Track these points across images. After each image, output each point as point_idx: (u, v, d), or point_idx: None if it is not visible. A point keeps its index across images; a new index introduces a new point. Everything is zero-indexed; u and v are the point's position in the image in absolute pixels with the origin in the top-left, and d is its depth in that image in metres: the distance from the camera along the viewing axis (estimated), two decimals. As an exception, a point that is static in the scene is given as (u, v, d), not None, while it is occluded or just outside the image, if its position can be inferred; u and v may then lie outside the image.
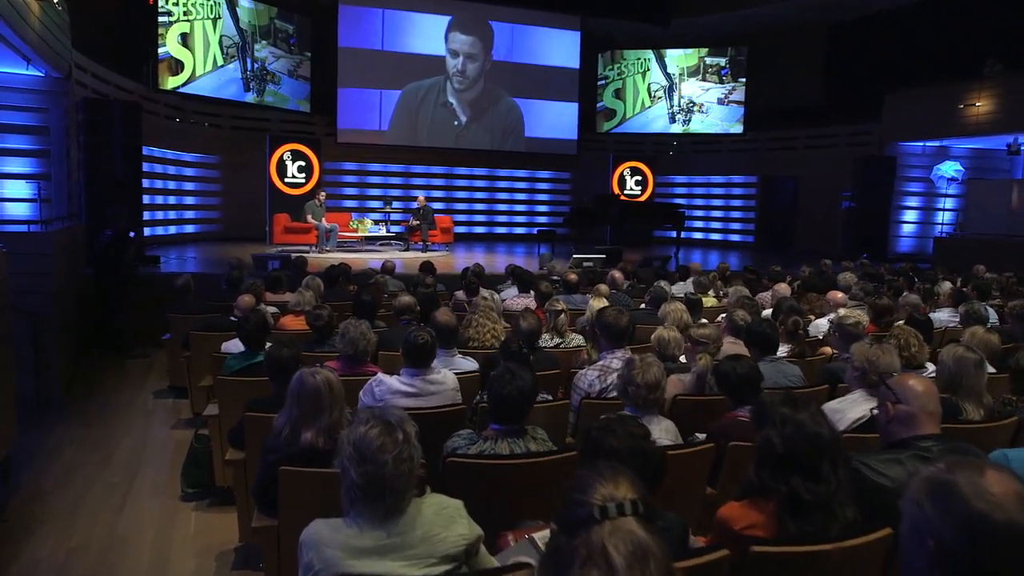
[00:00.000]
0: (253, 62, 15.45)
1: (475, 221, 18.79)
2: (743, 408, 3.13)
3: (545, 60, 18.37)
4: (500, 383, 2.68)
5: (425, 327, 3.78)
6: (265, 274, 8.53)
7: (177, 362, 6.09)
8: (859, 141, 16.75)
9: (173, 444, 5.53)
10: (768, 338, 4.27)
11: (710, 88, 19.10)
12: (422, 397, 3.52)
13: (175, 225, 14.70)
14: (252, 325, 4.48)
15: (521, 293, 7.32)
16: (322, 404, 2.63)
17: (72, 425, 5.97)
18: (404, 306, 5.24)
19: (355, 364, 4.20)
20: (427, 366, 3.60)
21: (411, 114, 17.19)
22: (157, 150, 13.59)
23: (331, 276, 7.52)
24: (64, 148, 9.91)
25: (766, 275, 9.74)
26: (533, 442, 2.74)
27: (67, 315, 7.40)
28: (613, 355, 3.84)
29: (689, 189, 20.06)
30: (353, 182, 17.59)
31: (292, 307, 5.94)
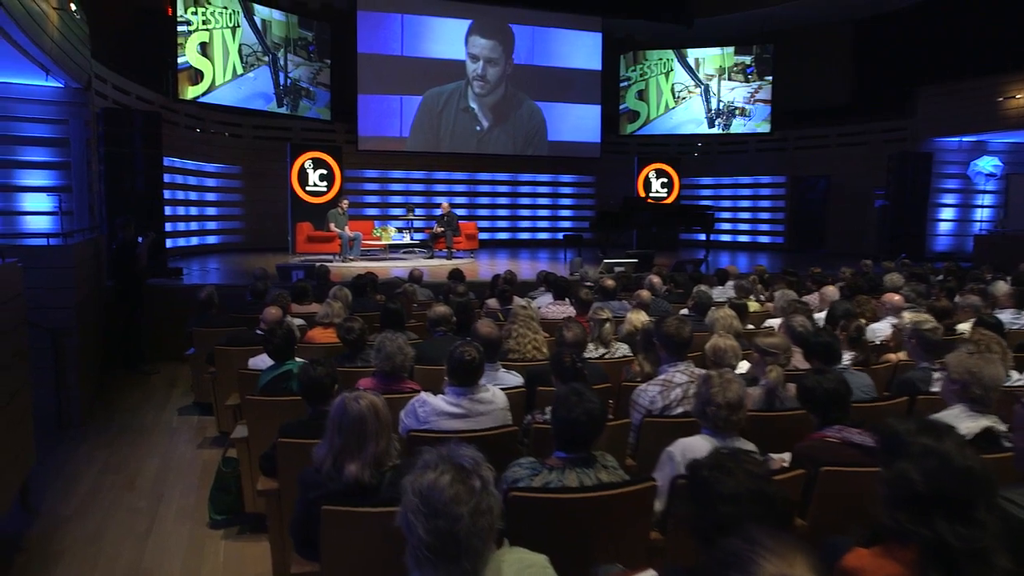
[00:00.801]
0: (286, 77, 15.34)
1: (498, 227, 18.51)
2: (831, 427, 2.80)
3: (566, 62, 18.08)
4: (567, 406, 2.37)
5: (469, 340, 3.48)
6: (290, 285, 8.30)
7: (202, 378, 5.84)
8: (892, 138, 16.28)
9: (200, 465, 5.27)
10: (830, 347, 3.93)
11: (736, 87, 18.70)
12: (470, 418, 3.22)
13: (197, 236, 14.54)
14: (279, 338, 4.21)
15: (556, 300, 7.01)
16: (367, 433, 2.34)
17: (94, 445, 5.74)
18: (440, 316, 4.95)
19: (392, 381, 3.90)
20: (475, 384, 3.30)
21: (432, 120, 16.95)
22: (178, 160, 13.45)
23: (358, 286, 7.26)
24: (85, 160, 9.76)
25: (808, 277, 9.37)
26: (604, 471, 2.42)
27: (89, 330, 7.19)
28: (675, 368, 3.52)
29: (716, 191, 19.65)
30: (375, 190, 17.38)
31: (320, 319, 5.67)
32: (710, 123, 19.05)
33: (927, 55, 15.88)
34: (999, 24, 14.57)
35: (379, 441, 2.36)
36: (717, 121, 18.98)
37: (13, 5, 6.31)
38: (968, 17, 15.17)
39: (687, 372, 3.50)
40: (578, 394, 2.40)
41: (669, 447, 2.69)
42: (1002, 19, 14.51)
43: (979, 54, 14.88)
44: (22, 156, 9.51)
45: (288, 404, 3.79)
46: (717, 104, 18.93)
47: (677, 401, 3.42)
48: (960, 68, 14.96)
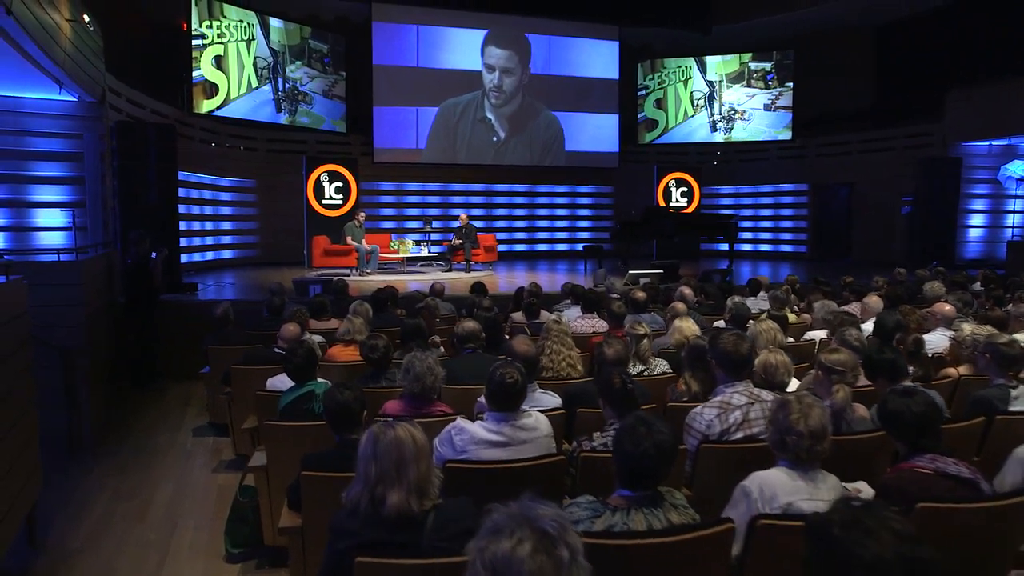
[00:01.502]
0: (284, 82, 15.14)
1: (515, 239, 18.23)
2: (922, 456, 2.49)
3: (584, 72, 17.84)
4: (633, 440, 2.08)
5: (509, 361, 3.19)
6: (307, 300, 8.05)
7: (217, 399, 5.58)
8: (918, 143, 15.89)
9: (215, 491, 5.00)
10: (896, 364, 3.62)
11: (756, 94, 18.40)
12: (512, 447, 2.92)
13: (212, 251, 14.37)
14: (300, 358, 3.94)
15: (586, 314, 6.71)
16: (405, 457, 2.05)
17: (106, 469, 5.48)
18: (469, 333, 4.66)
19: (422, 403, 3.62)
20: (517, 409, 3.00)
21: (449, 131, 16.74)
22: (193, 175, 13.29)
23: (379, 300, 6.99)
24: (99, 174, 9.59)
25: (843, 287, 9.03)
26: (673, 511, 2.13)
27: (101, 348, 6.96)
28: (733, 389, 3.21)
29: (736, 199, 19.31)
30: (391, 202, 17.17)
31: (341, 336, 5.39)
32: (712, 127, 18.74)
33: (952, 58, 15.51)
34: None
35: (419, 464, 2.07)
36: (719, 125, 18.68)
37: (25, 17, 6.14)
38: (993, 18, 14.82)
39: (746, 393, 3.19)
40: (646, 425, 2.10)
41: (744, 482, 2.39)
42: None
43: (1006, 55, 14.51)
44: (36, 171, 9.35)
45: (311, 429, 3.52)
46: (719, 109, 18.64)
47: (736, 425, 3.11)
48: (987, 70, 14.59)
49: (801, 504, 2.27)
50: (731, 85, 18.59)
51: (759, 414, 3.15)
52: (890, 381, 3.56)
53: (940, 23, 15.79)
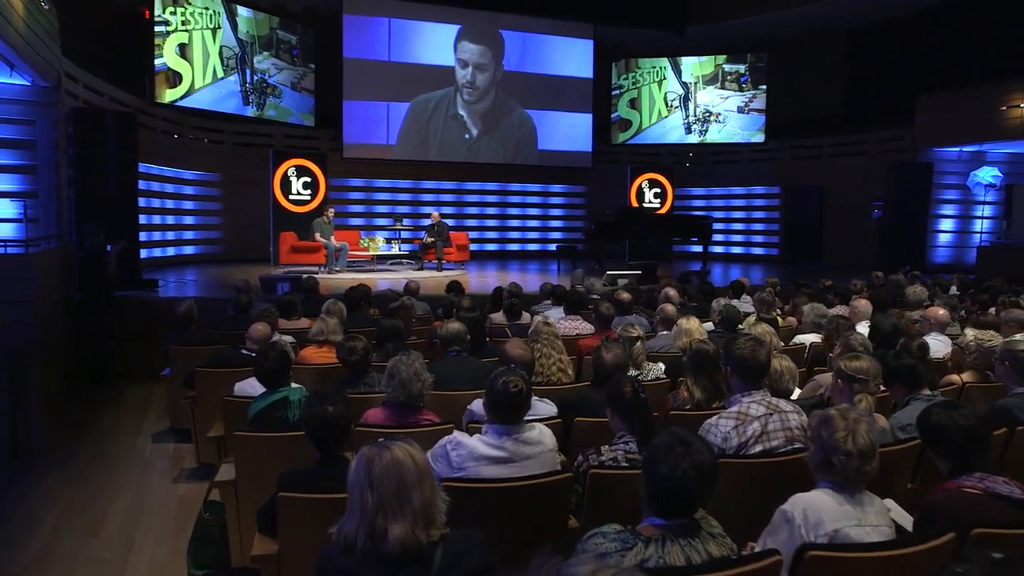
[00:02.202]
0: (253, 74, 14.66)
1: (487, 238, 17.93)
2: (970, 475, 2.27)
3: (558, 70, 17.61)
4: (670, 460, 1.82)
5: (513, 368, 2.90)
6: (276, 298, 7.68)
7: (179, 403, 5.20)
8: (890, 148, 15.97)
9: (176, 504, 4.63)
10: (915, 371, 3.42)
11: (729, 96, 18.35)
12: (515, 464, 2.64)
13: (174, 247, 13.83)
14: (272, 361, 3.61)
15: (569, 315, 6.45)
16: (407, 480, 1.76)
17: (56, 479, 5.08)
18: (454, 335, 4.36)
19: (407, 412, 3.32)
20: (520, 421, 2.72)
21: (420, 127, 16.38)
22: (155, 167, 12.76)
23: (352, 299, 6.65)
24: (53, 163, 9.07)
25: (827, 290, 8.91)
26: (712, 541, 1.87)
27: (54, 348, 6.52)
28: (751, 398, 2.96)
29: (708, 201, 19.26)
30: (360, 199, 16.75)
31: (313, 336, 5.06)
32: (687, 129, 18.67)
33: (925, 64, 15.61)
34: (999, 31, 14.33)
35: (423, 488, 1.78)
36: (694, 127, 18.61)
37: (-29, -10, 5.70)
38: (967, 25, 14.93)
39: (764, 403, 2.95)
40: (684, 444, 1.84)
41: (784, 506, 2.14)
42: (1002, 26, 14.27)
43: (979, 62, 14.64)
44: (-16, 159, 8.83)
45: (285, 440, 3.20)
46: (693, 111, 18.57)
47: (755, 438, 2.87)
48: (959, 77, 14.70)
49: (850, 531, 2.03)
50: (705, 87, 18.51)
51: (778, 425, 2.91)
52: (908, 389, 3.37)
53: (912, 29, 15.88)
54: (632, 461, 2.73)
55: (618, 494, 2.69)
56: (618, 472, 2.67)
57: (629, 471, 2.69)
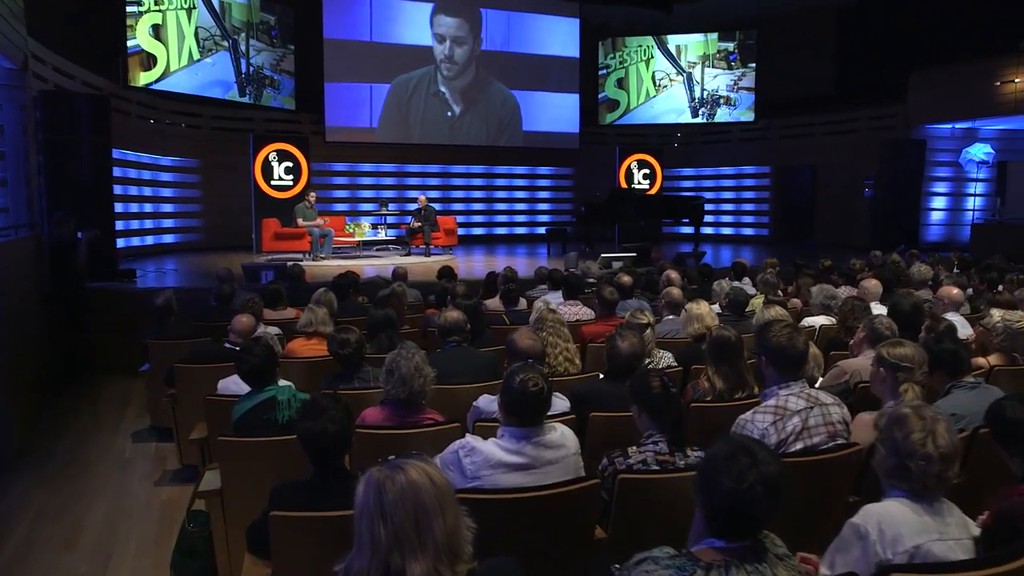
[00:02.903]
0: (248, 64, 14.21)
1: (473, 223, 17.59)
2: (1052, 478, 2.02)
3: (542, 49, 17.24)
4: (735, 473, 1.54)
5: (530, 363, 2.61)
6: (260, 287, 7.36)
7: (160, 401, 4.88)
8: (882, 125, 15.78)
9: (158, 509, 4.33)
10: (957, 355, 3.17)
11: (718, 75, 18.06)
12: (536, 471, 2.36)
13: (152, 235, 13.40)
14: (257, 357, 3.29)
15: (568, 300, 6.18)
16: (426, 507, 1.47)
17: (29, 483, 4.76)
18: (453, 324, 4.07)
19: (408, 411, 3.04)
20: (541, 423, 2.44)
21: (401, 107, 15.95)
22: (131, 153, 12.31)
23: (340, 287, 6.34)
24: (21, 149, 8.64)
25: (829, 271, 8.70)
26: (780, 565, 1.60)
27: (25, 344, 6.17)
28: (789, 390, 2.70)
29: (697, 182, 19.02)
30: (344, 184, 16.36)
31: (302, 327, 4.76)
32: (693, 113, 18.38)
33: (917, 40, 15.37)
34: (991, 6, 14.11)
35: (446, 516, 1.49)
36: (701, 110, 18.31)
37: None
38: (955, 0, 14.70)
39: (803, 395, 2.69)
40: (749, 453, 1.57)
41: (855, 519, 1.88)
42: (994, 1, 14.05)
43: (971, 37, 14.42)
44: (-54, 146, 8.39)
45: (274, 446, 2.91)
46: (701, 93, 18.25)
47: (795, 434, 2.61)
48: (952, 52, 14.47)
49: (931, 547, 1.78)
50: (695, 64, 18.20)
51: (819, 420, 2.66)
52: (950, 376, 3.12)
53: (902, 4, 15.64)
54: (663, 464, 2.47)
55: (649, 501, 2.43)
56: (649, 476, 2.41)
57: (661, 475, 2.43)
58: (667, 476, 2.42)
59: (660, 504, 2.44)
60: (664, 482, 2.42)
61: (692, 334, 4.47)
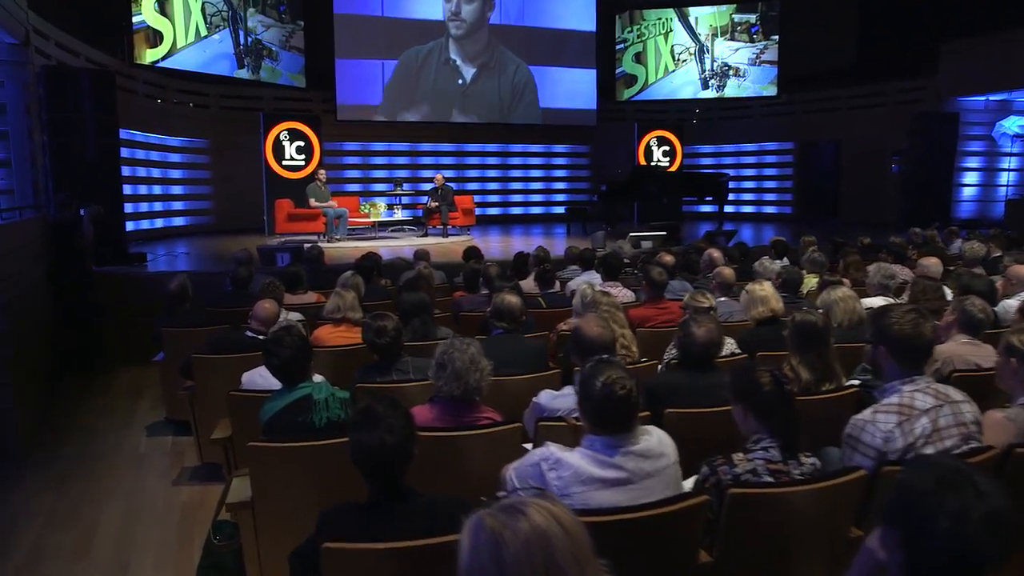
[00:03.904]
0: (247, 35, 13.73)
1: (488, 202, 17.14)
2: None
3: (558, 23, 16.71)
4: (951, 508, 1.16)
5: (609, 360, 2.22)
6: (278, 270, 7.00)
7: (176, 395, 4.52)
8: (910, 98, 15.25)
9: (178, 513, 3.98)
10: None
11: (740, 48, 17.49)
12: (634, 486, 1.99)
13: (162, 218, 13.04)
14: (289, 349, 2.90)
15: (607, 282, 5.79)
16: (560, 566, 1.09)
17: (38, 485, 4.42)
18: (507, 310, 3.69)
19: (463, 409, 2.67)
20: (633, 428, 2.06)
21: (410, 79, 15.42)
22: (139, 133, 11.93)
23: (364, 269, 5.96)
24: (25, 128, 8.29)
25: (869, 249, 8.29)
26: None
27: (31, 333, 5.82)
28: (914, 386, 2.32)
29: (717, 159, 18.51)
30: (356, 163, 15.95)
31: (329, 313, 4.39)
32: (703, 84, 17.84)
33: (946, 8, 14.78)
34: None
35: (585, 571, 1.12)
36: (711, 83, 17.77)
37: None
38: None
39: (931, 391, 2.31)
40: (968, 481, 1.19)
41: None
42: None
43: (1004, 5, 13.82)
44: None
45: (313, 452, 2.54)
46: (711, 65, 17.71)
47: (924, 438, 2.23)
48: (984, 21, 13.88)
49: None
50: (718, 38, 17.63)
51: (950, 420, 2.28)
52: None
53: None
54: (776, 474, 2.09)
55: (761, 518, 2.06)
56: (764, 491, 2.03)
57: (777, 489, 2.05)
58: (783, 490, 2.04)
59: (773, 523, 2.07)
60: (779, 497, 2.04)
61: (756, 318, 4.08)
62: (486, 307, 5.34)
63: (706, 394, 2.92)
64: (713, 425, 2.78)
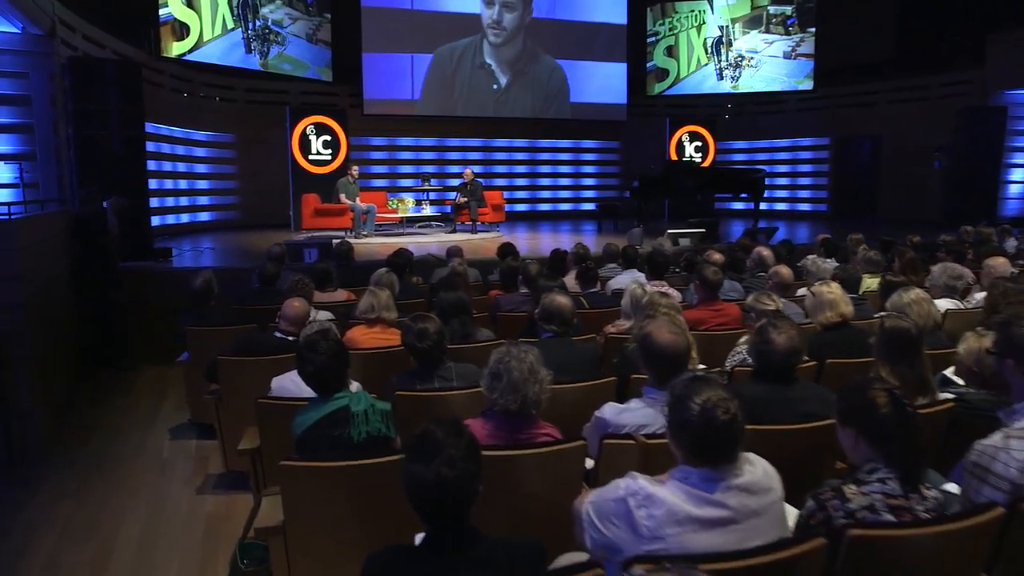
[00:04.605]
0: (255, 19, 13.44)
1: (516, 198, 16.83)
2: None
3: (589, 16, 16.34)
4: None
5: (703, 377, 1.91)
6: (307, 266, 6.76)
7: (201, 399, 4.28)
8: (954, 92, 14.70)
9: (203, 525, 3.74)
10: None
11: (775, 40, 17.01)
12: (738, 526, 1.68)
13: (187, 213, 12.89)
14: (325, 356, 2.61)
15: (652, 281, 5.47)
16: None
17: (56, 491, 4.20)
18: (557, 311, 3.40)
19: (519, 424, 2.38)
20: (736, 459, 1.75)
21: (445, 79, 15.21)
22: (164, 127, 11.77)
23: (397, 266, 5.68)
24: (50, 121, 8.13)
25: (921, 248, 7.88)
26: None
27: (53, 329, 5.62)
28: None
29: (750, 155, 18.04)
30: (382, 159, 15.72)
31: (363, 313, 4.11)
32: (719, 75, 17.37)
33: (991, 1, 14.24)
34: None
35: None
36: (726, 74, 17.31)
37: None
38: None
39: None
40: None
41: None
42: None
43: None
44: (-28, 117, 7.89)
45: (351, 472, 2.27)
46: (727, 56, 17.24)
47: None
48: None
49: None
50: (747, 31, 17.18)
51: (1097, 448, 1.94)
52: None
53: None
54: (897, 511, 1.77)
55: (883, 565, 1.74)
56: (888, 533, 1.71)
57: (902, 531, 1.73)
58: (909, 532, 1.72)
59: (896, 570, 1.75)
60: (904, 540, 1.73)
61: (824, 322, 3.75)
62: (525, 307, 5.08)
63: (787, 408, 2.61)
64: (798, 445, 2.47)
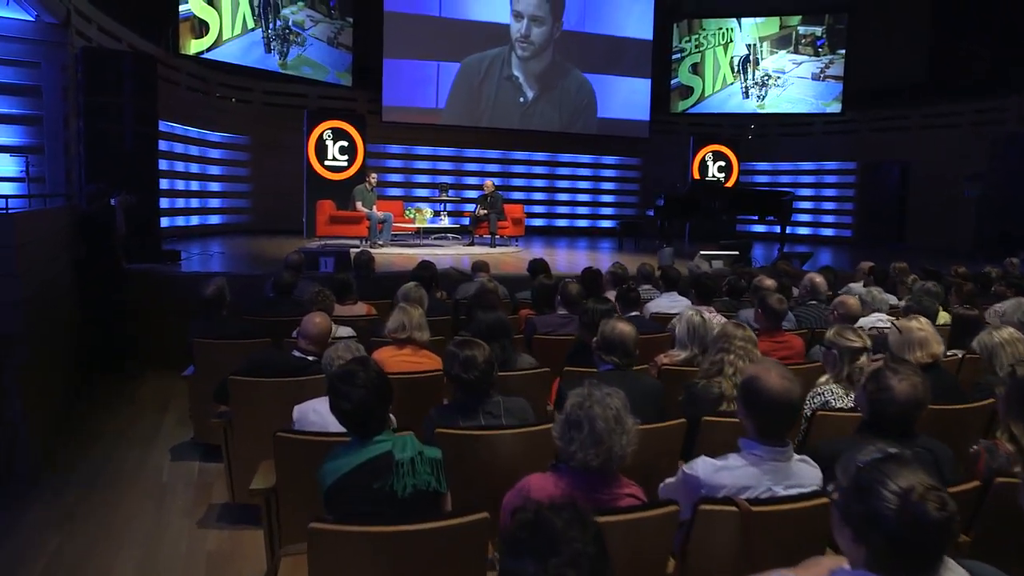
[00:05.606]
0: (275, 19, 13.13)
1: (533, 212, 16.43)
2: None
3: (616, 30, 16.01)
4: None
5: (898, 455, 1.49)
6: (324, 276, 6.37)
7: (208, 422, 3.85)
8: (989, 119, 14.32)
9: (203, 566, 3.31)
10: None
11: (803, 61, 16.67)
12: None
13: (198, 215, 12.53)
14: (364, 390, 2.18)
15: (699, 306, 5.04)
16: None
17: (45, 518, 3.77)
18: (618, 339, 2.98)
19: (599, 483, 1.96)
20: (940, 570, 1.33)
21: (472, 91, 14.87)
22: (178, 127, 11.44)
23: (422, 281, 5.28)
24: (60, 113, 7.77)
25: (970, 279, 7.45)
26: None
27: (49, 336, 5.22)
28: None
29: (773, 177, 17.64)
30: (398, 167, 15.37)
31: (392, 333, 3.69)
32: (744, 94, 17.03)
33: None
34: None
35: None
36: (752, 92, 16.96)
37: None
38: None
39: None
40: None
41: None
42: None
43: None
44: (-21, 107, 7.55)
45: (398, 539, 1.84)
46: (753, 75, 16.90)
47: None
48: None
49: None
50: (775, 50, 16.83)
51: None
52: None
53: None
54: None
55: None
56: None
57: None
58: None
59: None
60: None
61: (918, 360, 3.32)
62: (563, 330, 4.67)
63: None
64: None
